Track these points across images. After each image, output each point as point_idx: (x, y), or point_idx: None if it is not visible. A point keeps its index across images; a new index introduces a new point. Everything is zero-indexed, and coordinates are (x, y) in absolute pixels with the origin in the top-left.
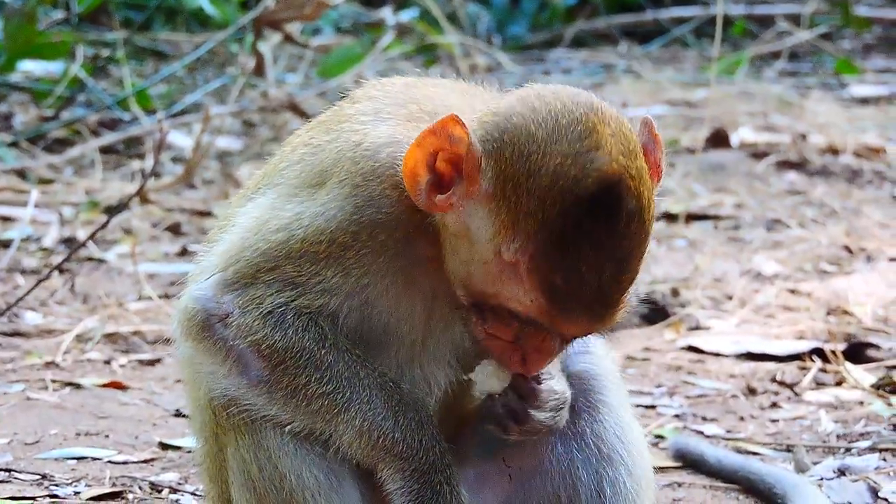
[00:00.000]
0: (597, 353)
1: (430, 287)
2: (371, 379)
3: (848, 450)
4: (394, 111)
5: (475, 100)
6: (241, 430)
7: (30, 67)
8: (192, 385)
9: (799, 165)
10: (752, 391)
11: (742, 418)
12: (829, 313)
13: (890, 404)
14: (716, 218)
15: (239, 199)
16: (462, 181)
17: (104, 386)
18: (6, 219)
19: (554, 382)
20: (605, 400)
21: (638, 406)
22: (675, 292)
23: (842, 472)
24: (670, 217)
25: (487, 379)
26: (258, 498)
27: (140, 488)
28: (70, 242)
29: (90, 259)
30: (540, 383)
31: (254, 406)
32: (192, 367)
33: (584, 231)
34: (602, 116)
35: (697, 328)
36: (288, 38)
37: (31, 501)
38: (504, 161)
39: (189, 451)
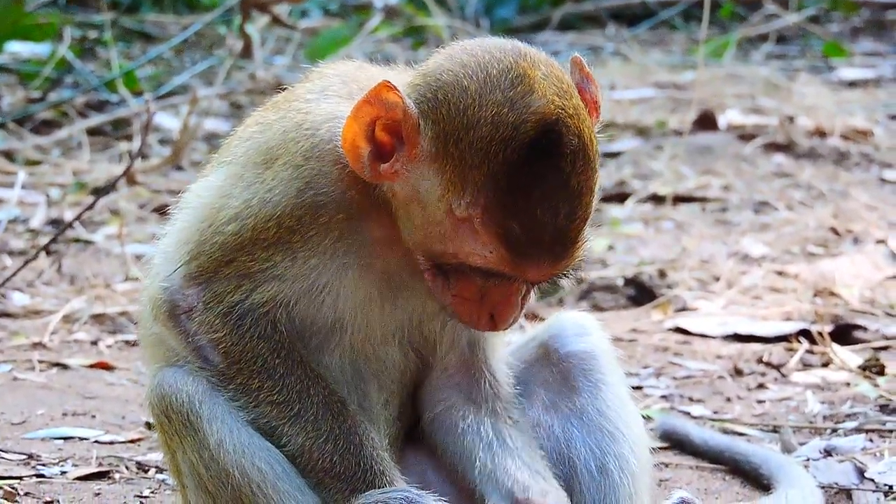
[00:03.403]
0: (594, 333)
1: (383, 269)
2: (320, 397)
3: (834, 430)
4: (337, 89)
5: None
6: (183, 434)
7: (17, 49)
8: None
9: (786, 148)
10: (738, 372)
11: (729, 399)
12: (815, 295)
13: (876, 385)
14: (703, 200)
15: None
16: (403, 147)
17: (91, 366)
18: None
19: None
20: (606, 379)
21: None
22: (662, 274)
23: (828, 453)
24: (657, 199)
25: None
26: (212, 498)
27: (127, 468)
28: (57, 224)
29: (77, 240)
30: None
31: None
32: (151, 349)
33: (530, 175)
34: (531, 61)
35: (684, 309)
36: (276, 21)
37: (18, 481)
38: (441, 119)
39: None
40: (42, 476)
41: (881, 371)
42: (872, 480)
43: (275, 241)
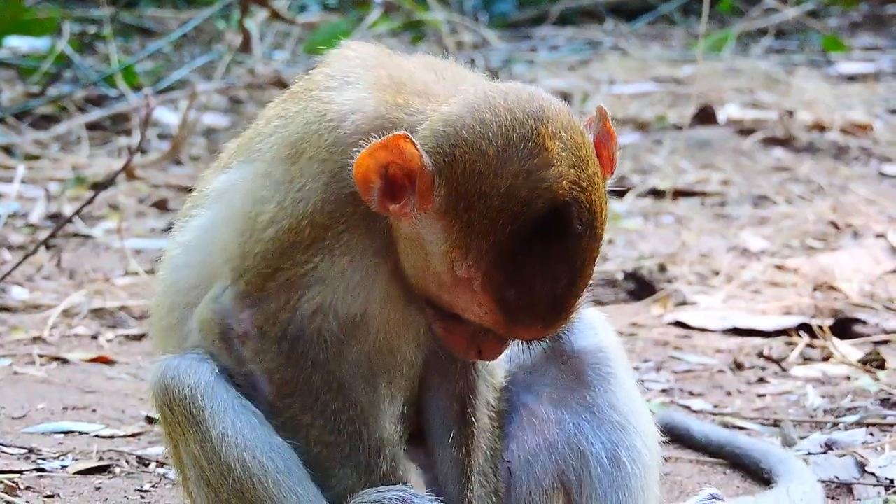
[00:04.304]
0: (600, 327)
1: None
2: (371, 443)
3: (835, 424)
4: (361, 74)
5: (441, 80)
6: (186, 426)
7: (16, 43)
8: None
9: (786, 142)
10: (738, 366)
11: (729, 393)
12: (815, 289)
13: (877, 379)
14: (703, 194)
15: (212, 171)
16: (415, 195)
17: (91, 361)
18: None
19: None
20: (614, 372)
21: None
22: (662, 268)
23: (829, 447)
24: (657, 193)
25: None
26: (214, 490)
27: (127, 462)
28: (56, 218)
29: (77, 235)
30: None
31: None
32: (162, 339)
33: (536, 250)
34: (552, 128)
35: (684, 304)
36: (275, 15)
37: (18, 475)
38: (456, 179)
39: None
40: (42, 470)
41: (881, 365)
42: (873, 475)
43: (311, 242)
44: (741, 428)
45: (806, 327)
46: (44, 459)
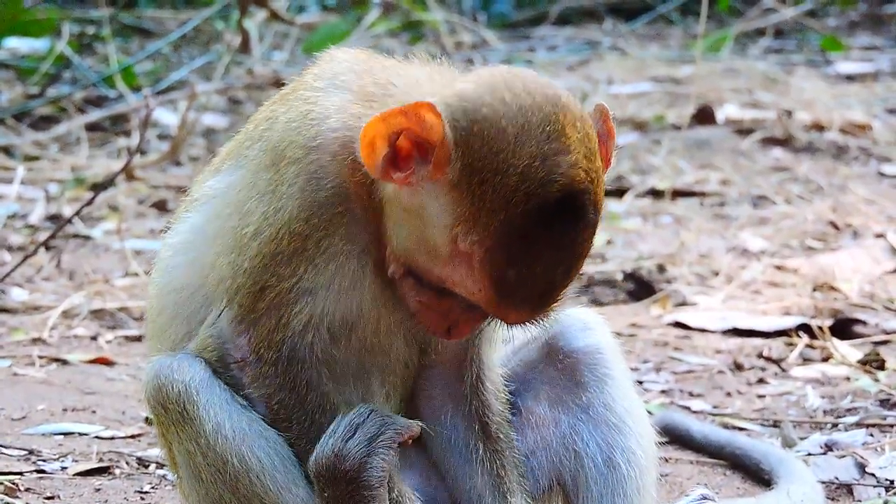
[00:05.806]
0: (598, 328)
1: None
2: None
3: (835, 425)
4: (349, 80)
5: (433, 75)
6: (180, 423)
7: (15, 44)
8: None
9: (784, 142)
10: (738, 367)
11: (729, 394)
12: (815, 289)
13: (877, 380)
14: (702, 194)
15: (205, 175)
16: (426, 165)
17: (91, 362)
18: None
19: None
20: (611, 373)
21: None
22: (661, 268)
23: (829, 448)
24: (656, 194)
25: None
26: (206, 487)
27: (127, 463)
28: (56, 219)
29: (76, 236)
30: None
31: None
32: (156, 340)
33: (544, 233)
34: (570, 116)
35: (684, 304)
36: (273, 15)
37: (19, 476)
38: (472, 153)
39: None
40: (42, 471)
41: (881, 365)
42: (873, 475)
43: (292, 253)
44: (741, 429)
45: (805, 328)
46: (44, 461)
